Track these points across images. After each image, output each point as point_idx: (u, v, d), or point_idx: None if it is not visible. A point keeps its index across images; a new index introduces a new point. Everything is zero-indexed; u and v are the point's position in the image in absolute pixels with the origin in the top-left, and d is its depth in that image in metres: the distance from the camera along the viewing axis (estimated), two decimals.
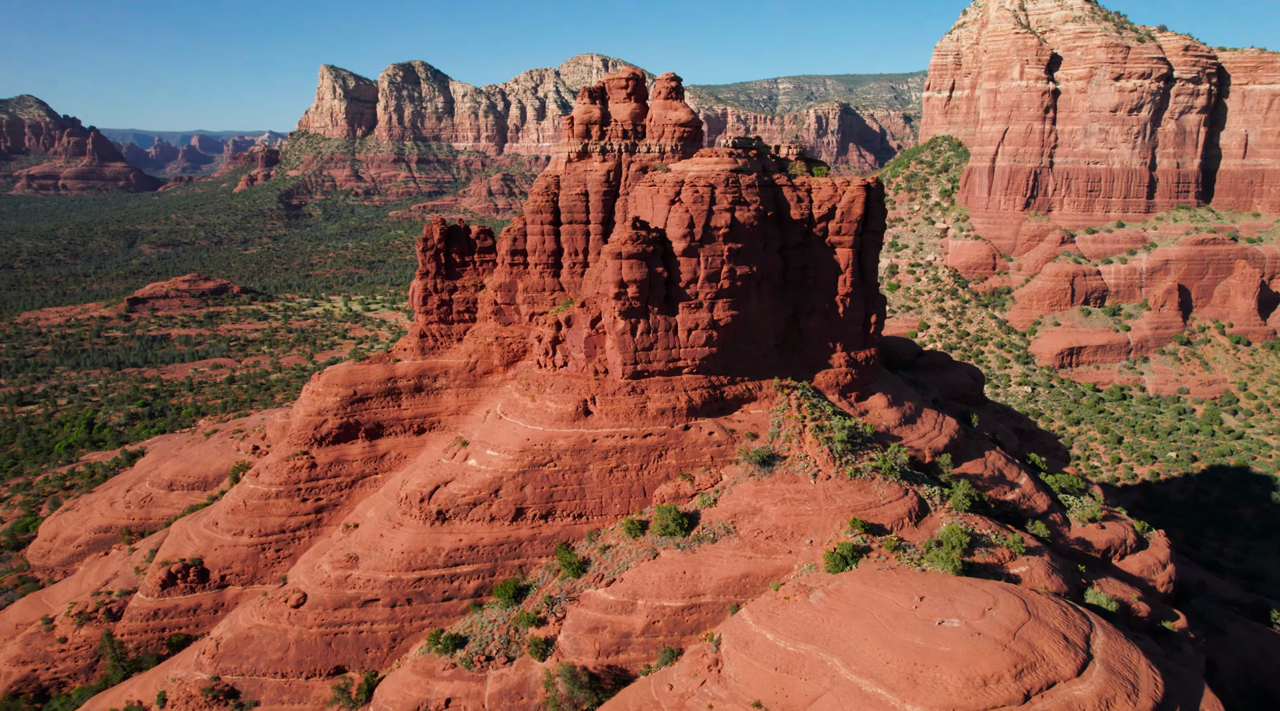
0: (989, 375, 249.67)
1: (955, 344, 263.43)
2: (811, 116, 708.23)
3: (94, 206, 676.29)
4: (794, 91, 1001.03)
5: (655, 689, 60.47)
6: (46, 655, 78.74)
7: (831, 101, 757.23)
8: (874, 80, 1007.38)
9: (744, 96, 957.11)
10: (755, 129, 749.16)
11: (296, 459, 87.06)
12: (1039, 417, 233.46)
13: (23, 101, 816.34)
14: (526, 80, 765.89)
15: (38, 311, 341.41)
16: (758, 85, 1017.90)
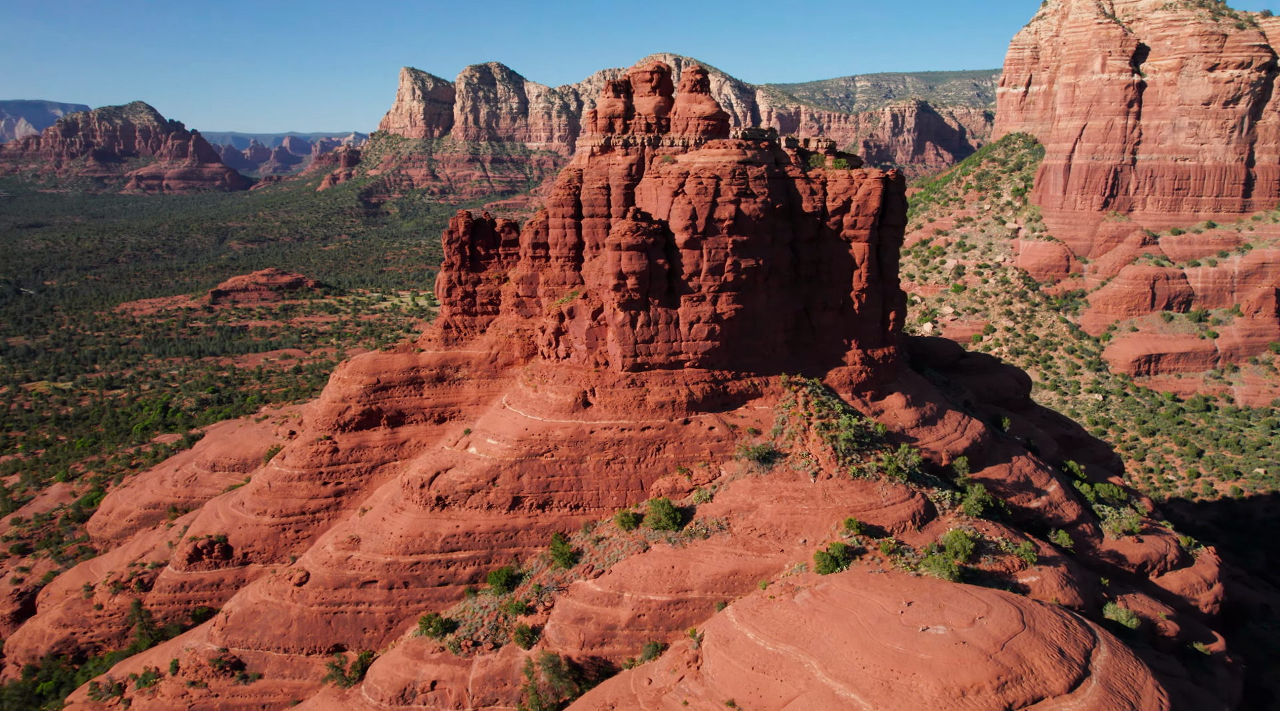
0: (1057, 382, 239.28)
1: (1022, 348, 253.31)
2: (887, 114, 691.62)
3: (192, 205, 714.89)
4: (872, 89, 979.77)
5: (634, 682, 60.13)
6: (84, 620, 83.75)
7: (908, 99, 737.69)
8: (955, 77, 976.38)
9: (819, 95, 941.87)
10: (829, 128, 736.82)
11: (319, 443, 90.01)
12: (1109, 427, 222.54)
13: (135, 108, 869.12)
14: (599, 80, 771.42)
15: (134, 303, 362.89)
16: (834, 83, 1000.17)
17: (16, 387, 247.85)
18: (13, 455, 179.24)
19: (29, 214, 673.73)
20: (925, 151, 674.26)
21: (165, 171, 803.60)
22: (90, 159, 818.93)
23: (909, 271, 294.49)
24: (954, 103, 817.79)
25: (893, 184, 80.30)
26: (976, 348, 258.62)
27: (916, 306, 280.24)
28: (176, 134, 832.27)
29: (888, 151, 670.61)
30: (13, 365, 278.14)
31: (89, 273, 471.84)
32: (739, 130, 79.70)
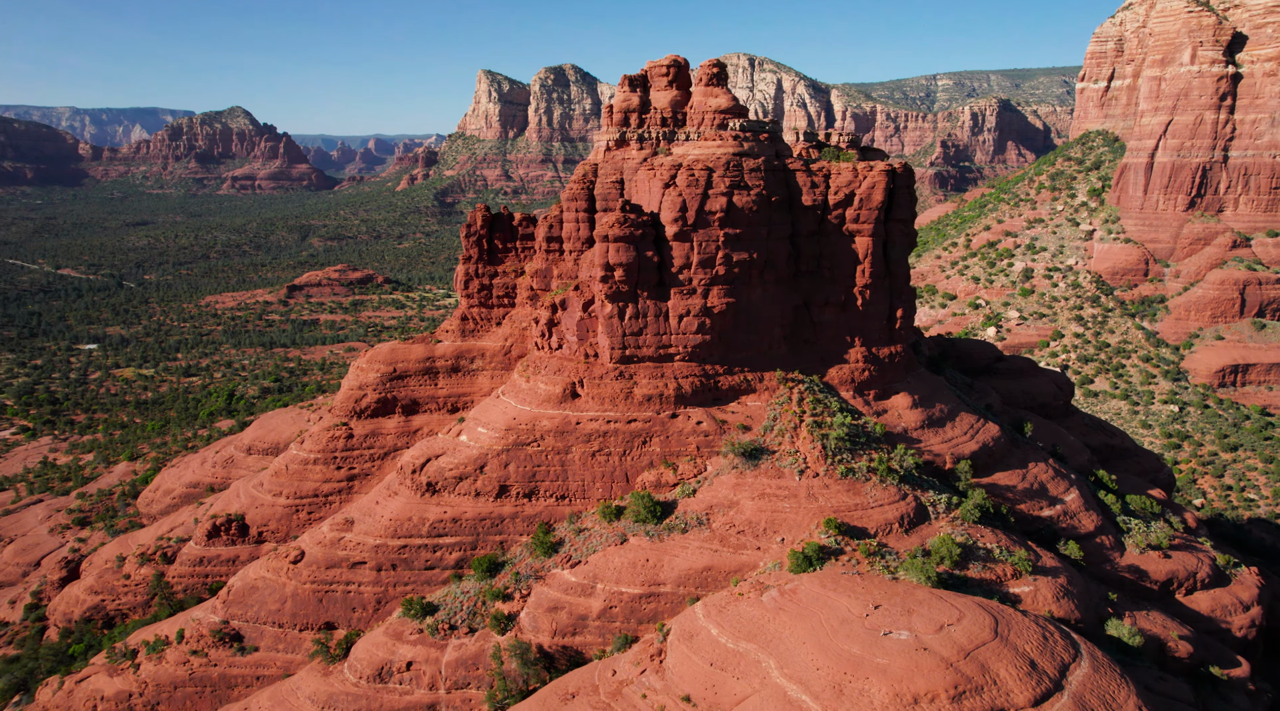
0: (1128, 391, 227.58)
1: (1092, 355, 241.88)
2: (966, 113, 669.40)
3: (280, 204, 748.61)
4: (953, 88, 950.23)
5: (599, 673, 60.06)
6: (113, 588, 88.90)
7: (989, 97, 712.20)
8: (1044, 74, 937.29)
9: (898, 94, 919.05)
10: (906, 128, 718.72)
11: (336, 429, 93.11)
12: (1185, 440, 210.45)
13: (232, 112, 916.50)
14: None
15: (217, 296, 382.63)
16: (914, 82, 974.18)
17: (106, 373, 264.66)
18: (93, 435, 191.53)
19: (136, 212, 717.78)
20: (1006, 151, 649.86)
21: (257, 172, 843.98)
22: (192, 161, 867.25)
23: (974, 274, 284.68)
24: (1041, 101, 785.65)
25: (899, 177, 77.89)
26: (1043, 354, 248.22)
27: (981, 310, 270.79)
28: (269, 137, 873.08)
29: (966, 152, 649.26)
30: (107, 352, 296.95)
31: (183, 267, 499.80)
32: (738, 123, 78.62)
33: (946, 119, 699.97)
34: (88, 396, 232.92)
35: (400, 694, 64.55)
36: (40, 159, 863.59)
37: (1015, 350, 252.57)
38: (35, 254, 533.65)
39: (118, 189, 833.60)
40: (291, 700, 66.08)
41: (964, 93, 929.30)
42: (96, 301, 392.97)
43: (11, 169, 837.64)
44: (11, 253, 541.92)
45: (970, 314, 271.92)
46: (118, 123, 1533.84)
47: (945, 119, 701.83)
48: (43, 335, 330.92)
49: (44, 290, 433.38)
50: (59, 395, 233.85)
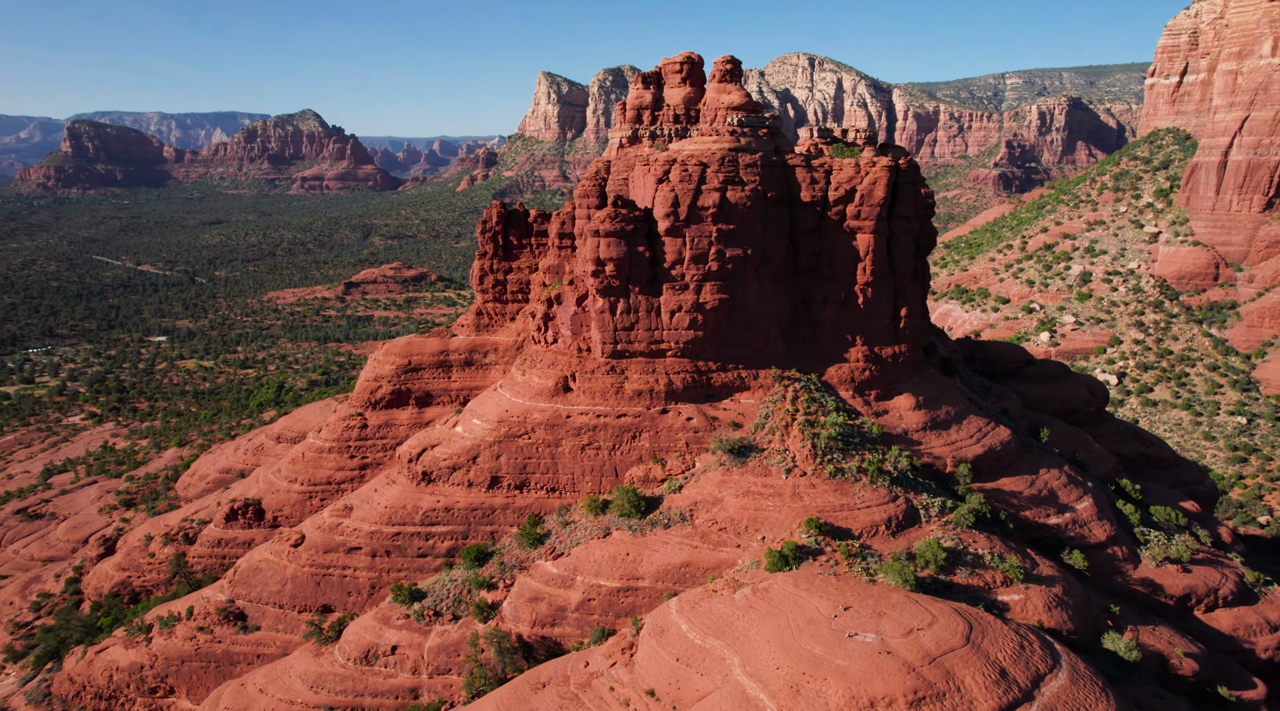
0: (1191, 401, 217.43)
1: (1152, 363, 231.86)
2: (1033, 112, 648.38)
3: (345, 203, 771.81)
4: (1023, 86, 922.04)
5: (571, 665, 60.40)
6: (139, 566, 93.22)
7: (1058, 96, 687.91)
8: (1121, 70, 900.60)
9: (965, 93, 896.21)
10: (970, 127, 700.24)
11: (351, 419, 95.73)
12: (1253, 454, 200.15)
13: (303, 115, 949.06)
14: None
15: (279, 291, 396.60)
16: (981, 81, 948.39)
17: (171, 364, 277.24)
18: (151, 422, 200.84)
19: (212, 212, 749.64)
20: (1076, 151, 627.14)
21: (325, 173, 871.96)
22: (265, 163, 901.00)
23: (1029, 277, 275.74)
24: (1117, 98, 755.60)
25: (903, 173, 76.20)
26: (1099, 360, 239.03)
27: (1035, 314, 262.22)
28: (337, 139, 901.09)
29: (1032, 152, 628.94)
30: (174, 344, 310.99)
31: (250, 264, 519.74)
32: (736, 117, 78.00)
33: (1013, 118, 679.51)
34: (152, 386, 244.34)
35: (385, 676, 66.10)
36: (129, 161, 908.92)
37: (1069, 356, 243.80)
38: (119, 251, 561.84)
39: (197, 189, 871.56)
40: (284, 678, 68.28)
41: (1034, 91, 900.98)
42: (169, 296, 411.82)
43: (103, 171, 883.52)
44: (99, 250, 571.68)
45: (1023, 318, 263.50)
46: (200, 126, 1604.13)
47: (1011, 118, 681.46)
48: (119, 327, 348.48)
49: (124, 285, 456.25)
50: (126, 384, 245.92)
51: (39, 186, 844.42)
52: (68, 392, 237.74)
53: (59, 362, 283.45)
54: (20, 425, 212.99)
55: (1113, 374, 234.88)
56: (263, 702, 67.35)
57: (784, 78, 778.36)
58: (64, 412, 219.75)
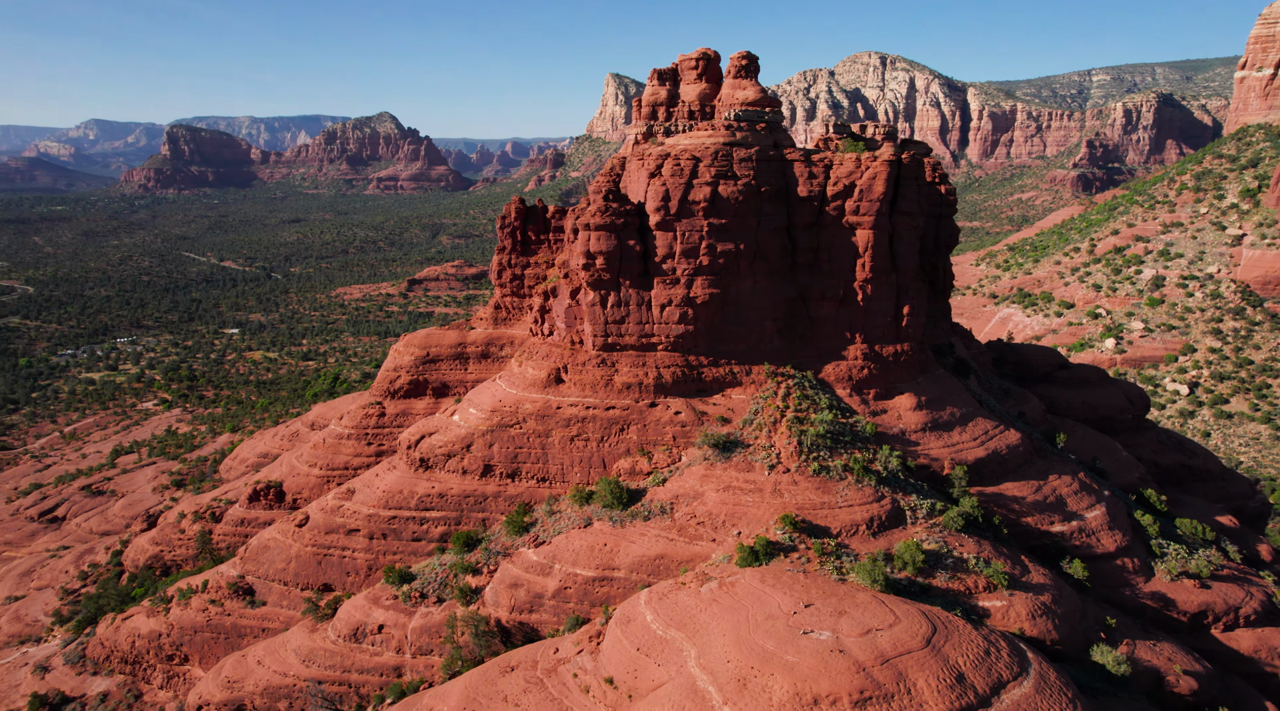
0: (1271, 414, 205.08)
1: (1230, 373, 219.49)
2: (1118, 110, 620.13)
3: (417, 203, 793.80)
4: (1111, 83, 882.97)
5: (542, 651, 61.31)
6: (170, 541, 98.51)
7: (1146, 92, 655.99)
8: (1222, 64, 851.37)
9: (1046, 91, 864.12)
10: (1048, 127, 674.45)
11: (370, 408, 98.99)
12: None
13: (380, 117, 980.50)
14: (799, 81, 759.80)
15: (346, 288, 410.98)
16: (1065, 79, 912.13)
17: (240, 355, 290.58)
18: (214, 409, 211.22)
19: (292, 211, 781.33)
20: (1165, 151, 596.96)
21: (400, 174, 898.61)
22: (344, 163, 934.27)
23: (1096, 281, 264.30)
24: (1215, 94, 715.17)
25: (906, 167, 74.53)
26: (1169, 369, 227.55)
27: (1100, 320, 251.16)
28: (412, 140, 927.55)
29: (1116, 152, 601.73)
30: (244, 336, 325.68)
31: (324, 261, 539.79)
32: (732, 111, 77.57)
33: (1096, 117, 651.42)
34: (219, 375, 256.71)
35: (371, 654, 68.33)
36: (220, 163, 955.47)
37: (1137, 364, 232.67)
38: (205, 248, 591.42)
39: (280, 189, 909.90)
40: (281, 651, 71.28)
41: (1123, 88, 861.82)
42: (246, 291, 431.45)
43: (197, 172, 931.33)
44: (188, 246, 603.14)
45: (1087, 324, 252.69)
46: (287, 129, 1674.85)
47: (1094, 117, 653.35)
48: (198, 319, 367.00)
49: (207, 280, 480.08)
50: (197, 373, 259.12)
51: (140, 187, 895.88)
52: (145, 380, 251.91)
53: (141, 352, 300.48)
54: (100, 409, 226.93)
55: (1184, 383, 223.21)
56: (259, 673, 70.48)
57: (854, 77, 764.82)
58: (139, 398, 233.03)
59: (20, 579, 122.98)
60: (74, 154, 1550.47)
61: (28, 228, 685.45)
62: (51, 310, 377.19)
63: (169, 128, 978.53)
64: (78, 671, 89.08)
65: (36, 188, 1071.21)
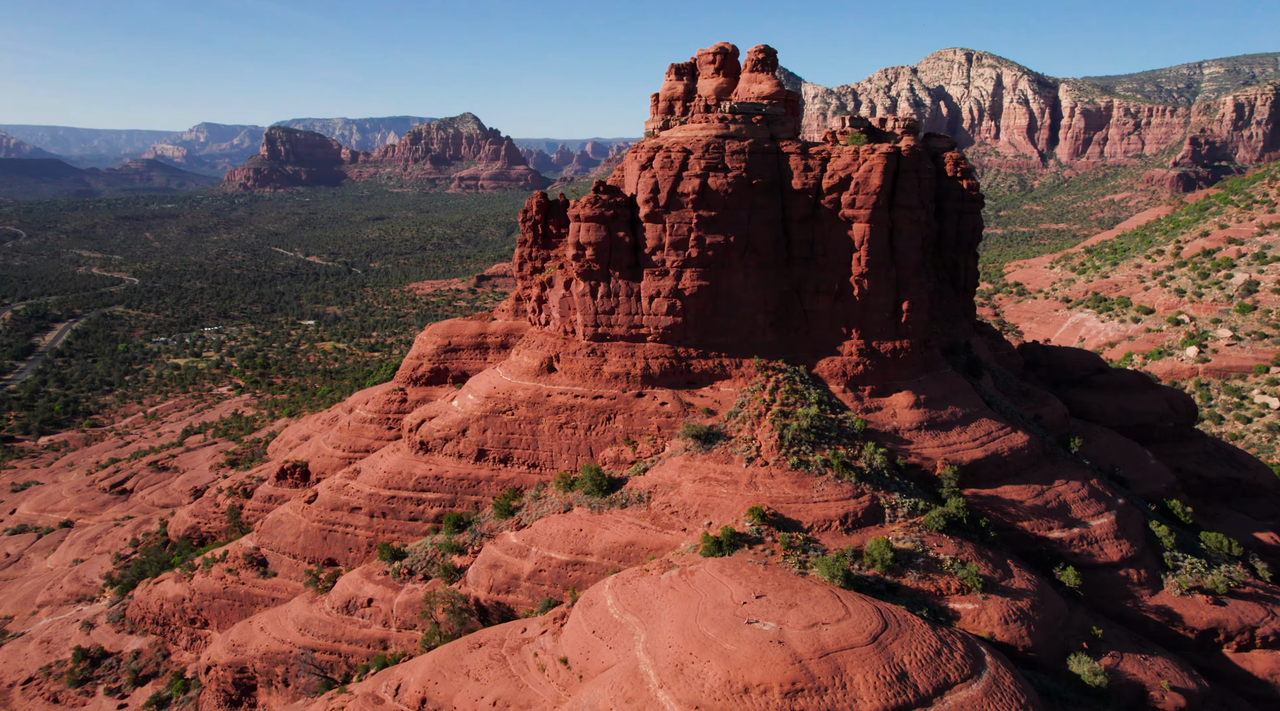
0: None
1: None
2: (1228, 104, 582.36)
3: (496, 202, 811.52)
4: (1225, 76, 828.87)
5: (510, 630, 62.74)
6: (207, 513, 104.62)
7: (1262, 84, 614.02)
8: None
9: (1150, 86, 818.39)
10: (1148, 124, 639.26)
11: (393, 394, 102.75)
12: None
13: (463, 118, 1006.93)
14: (880, 79, 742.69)
15: (420, 283, 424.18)
16: (1172, 72, 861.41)
17: (312, 345, 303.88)
18: (278, 395, 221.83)
19: (377, 209, 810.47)
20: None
21: (480, 173, 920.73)
22: (428, 163, 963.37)
23: (1180, 286, 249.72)
24: None
25: (905, 159, 72.83)
26: (1258, 380, 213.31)
27: (1183, 327, 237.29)
28: (493, 140, 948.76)
29: (1224, 149, 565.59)
30: (319, 328, 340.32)
31: (402, 257, 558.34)
32: (727, 104, 77.19)
33: (1202, 112, 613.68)
34: (291, 364, 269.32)
35: (360, 626, 71.25)
36: (312, 163, 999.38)
37: (1222, 374, 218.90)
38: (294, 243, 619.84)
39: (367, 188, 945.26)
40: (282, 620, 75.05)
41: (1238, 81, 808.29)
42: (326, 284, 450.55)
43: (291, 172, 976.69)
44: (278, 242, 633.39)
45: (1167, 330, 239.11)
46: (377, 130, 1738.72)
47: (1200, 112, 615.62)
48: (279, 311, 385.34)
49: (292, 274, 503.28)
50: (271, 361, 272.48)
51: (240, 186, 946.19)
52: (223, 366, 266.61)
53: (224, 340, 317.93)
54: (181, 392, 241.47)
55: (1275, 395, 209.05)
56: (260, 639, 74.40)
57: (938, 74, 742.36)
58: (216, 383, 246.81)
59: (88, 544, 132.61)
60: (186, 155, 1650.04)
61: (141, 224, 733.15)
62: (151, 300, 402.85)
63: (268, 129, 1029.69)
64: (117, 630, 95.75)
65: (152, 187, 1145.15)
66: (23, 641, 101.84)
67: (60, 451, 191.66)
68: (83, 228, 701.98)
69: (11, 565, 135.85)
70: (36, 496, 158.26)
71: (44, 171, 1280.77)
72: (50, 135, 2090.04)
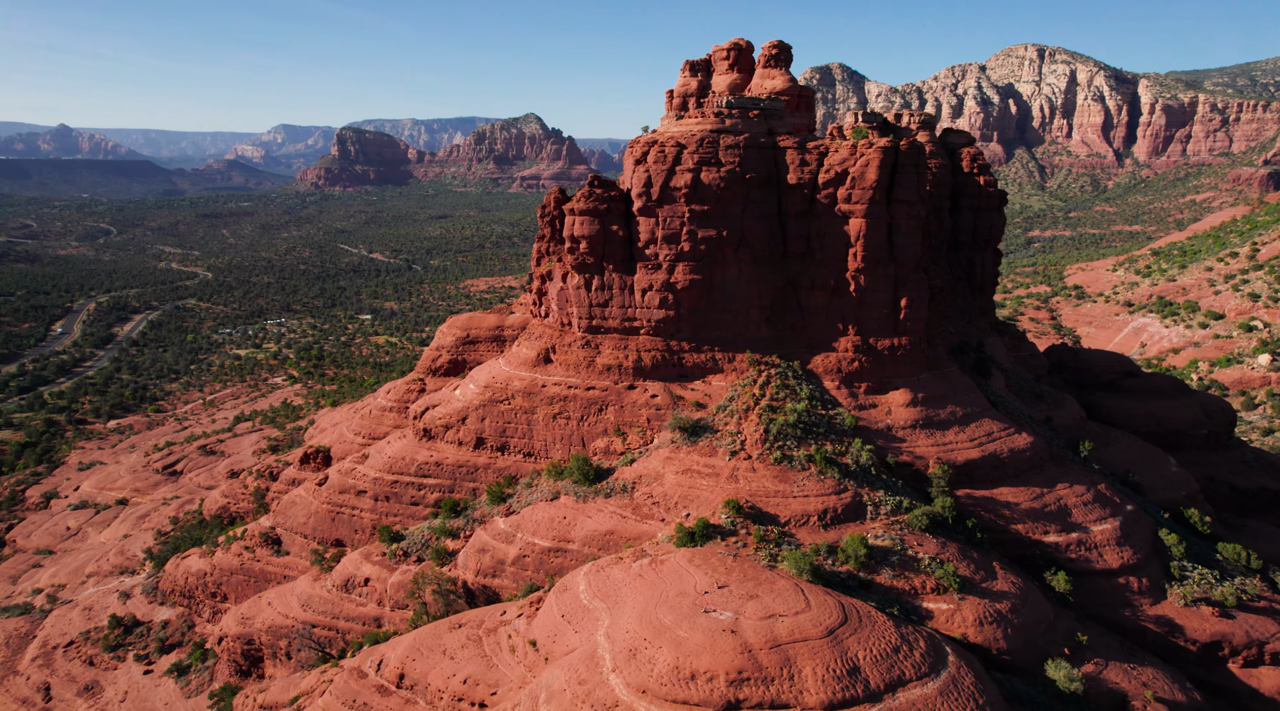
0: None
1: None
2: None
3: None
4: None
5: (491, 612, 64.23)
6: (236, 494, 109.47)
7: None
8: None
9: (1243, 79, 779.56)
10: (1236, 121, 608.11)
11: (412, 384, 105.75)
12: None
13: (526, 118, 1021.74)
14: (946, 77, 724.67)
15: (475, 280, 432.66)
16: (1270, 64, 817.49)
17: (366, 339, 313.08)
18: (327, 386, 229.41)
19: (440, 207, 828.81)
20: None
21: (542, 173, 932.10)
22: (491, 163, 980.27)
23: (1254, 290, 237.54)
24: None
25: (903, 155, 71.68)
26: None
27: (1255, 334, 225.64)
28: (555, 140, 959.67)
29: None
30: (375, 322, 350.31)
31: (461, 255, 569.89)
32: (722, 99, 77.04)
33: None
34: (344, 356, 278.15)
35: (356, 604, 73.81)
36: (381, 163, 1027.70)
37: None
38: (358, 240, 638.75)
39: (432, 187, 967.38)
40: (287, 596, 78.29)
41: None
42: (386, 281, 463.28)
43: (360, 171, 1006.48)
44: (344, 239, 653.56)
45: (1239, 337, 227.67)
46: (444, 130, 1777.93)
47: None
48: (339, 305, 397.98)
49: (354, 270, 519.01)
50: (326, 353, 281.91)
51: (311, 185, 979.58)
52: (280, 357, 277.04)
53: (284, 332, 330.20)
54: (239, 381, 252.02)
55: None
56: (267, 613, 77.75)
57: (1008, 72, 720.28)
58: (271, 374, 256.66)
59: (137, 521, 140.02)
60: (264, 156, 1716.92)
61: (219, 222, 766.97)
62: (221, 294, 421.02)
63: (339, 130, 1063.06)
64: (149, 601, 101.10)
65: (231, 186, 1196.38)
66: (70, 608, 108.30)
67: (125, 434, 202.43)
68: (166, 225, 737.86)
69: (71, 538, 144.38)
70: (98, 475, 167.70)
71: (136, 172, 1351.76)
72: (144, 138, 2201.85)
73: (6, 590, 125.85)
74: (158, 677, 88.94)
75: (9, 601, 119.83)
